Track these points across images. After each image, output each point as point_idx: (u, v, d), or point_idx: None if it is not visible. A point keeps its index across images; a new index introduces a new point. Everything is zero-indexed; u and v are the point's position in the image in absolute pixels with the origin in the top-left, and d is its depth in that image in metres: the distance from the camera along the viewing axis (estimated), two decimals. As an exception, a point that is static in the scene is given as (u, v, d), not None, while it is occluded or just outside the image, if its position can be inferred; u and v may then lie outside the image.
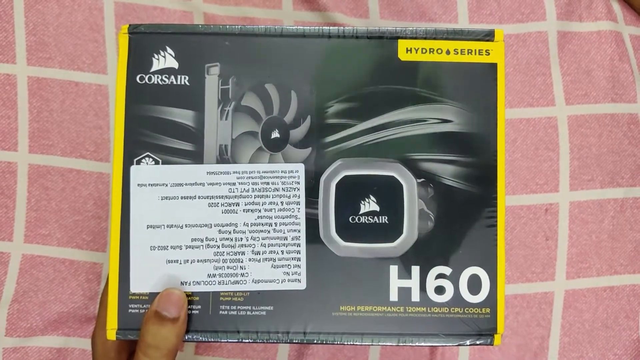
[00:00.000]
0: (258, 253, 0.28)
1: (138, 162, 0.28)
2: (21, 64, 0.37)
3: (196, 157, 0.28)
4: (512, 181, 0.38)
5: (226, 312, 0.28)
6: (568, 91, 0.39)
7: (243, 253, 0.28)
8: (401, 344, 0.28)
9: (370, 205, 0.28)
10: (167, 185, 0.28)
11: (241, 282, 0.28)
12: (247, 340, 0.28)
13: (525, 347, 0.38)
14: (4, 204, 0.37)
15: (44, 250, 0.37)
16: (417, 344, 0.27)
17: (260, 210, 0.28)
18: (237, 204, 0.28)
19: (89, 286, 0.37)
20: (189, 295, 0.27)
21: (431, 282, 0.28)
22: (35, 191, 0.37)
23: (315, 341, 0.28)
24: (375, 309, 0.28)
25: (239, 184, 0.28)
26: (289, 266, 0.28)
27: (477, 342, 0.28)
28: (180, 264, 0.28)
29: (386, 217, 0.28)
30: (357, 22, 0.39)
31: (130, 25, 0.28)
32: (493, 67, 0.28)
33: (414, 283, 0.28)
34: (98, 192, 0.37)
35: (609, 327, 0.38)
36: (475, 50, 0.28)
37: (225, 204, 0.28)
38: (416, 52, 0.28)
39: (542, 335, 0.38)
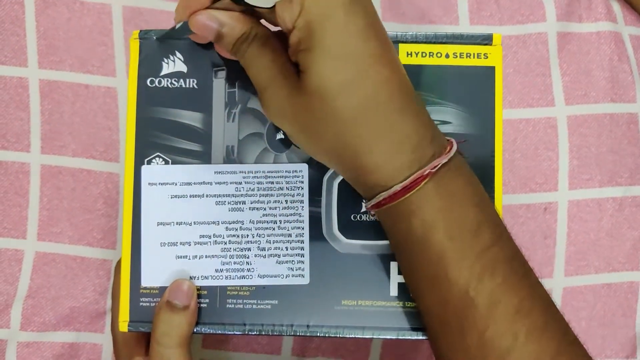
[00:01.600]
0: (263, 249, 0.29)
1: (149, 162, 0.29)
2: (33, 67, 0.38)
3: (204, 157, 0.29)
4: (511, 180, 0.38)
5: (233, 306, 0.28)
6: (567, 91, 0.39)
7: (249, 249, 0.29)
8: (400, 337, 0.28)
9: (371, 203, 0.29)
10: (176, 184, 0.29)
11: (247, 277, 0.29)
12: (253, 333, 0.28)
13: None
14: (18, 203, 0.38)
15: (56, 248, 0.37)
16: (415, 337, 0.28)
17: (265, 209, 0.29)
18: (244, 202, 0.29)
19: (99, 282, 0.38)
20: (197, 289, 0.28)
21: (430, 278, 0.28)
22: (48, 191, 0.38)
23: (318, 334, 0.28)
24: (375, 303, 0.28)
25: (245, 183, 0.29)
26: (293, 262, 0.29)
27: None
28: (189, 259, 0.29)
29: (387, 215, 0.29)
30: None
31: (140, 31, 0.29)
32: (491, 70, 0.29)
33: (413, 279, 0.28)
34: (108, 191, 0.38)
35: (606, 323, 0.38)
36: (474, 53, 0.29)
37: (232, 202, 0.29)
38: (417, 56, 0.29)
39: (541, 331, 0.38)
